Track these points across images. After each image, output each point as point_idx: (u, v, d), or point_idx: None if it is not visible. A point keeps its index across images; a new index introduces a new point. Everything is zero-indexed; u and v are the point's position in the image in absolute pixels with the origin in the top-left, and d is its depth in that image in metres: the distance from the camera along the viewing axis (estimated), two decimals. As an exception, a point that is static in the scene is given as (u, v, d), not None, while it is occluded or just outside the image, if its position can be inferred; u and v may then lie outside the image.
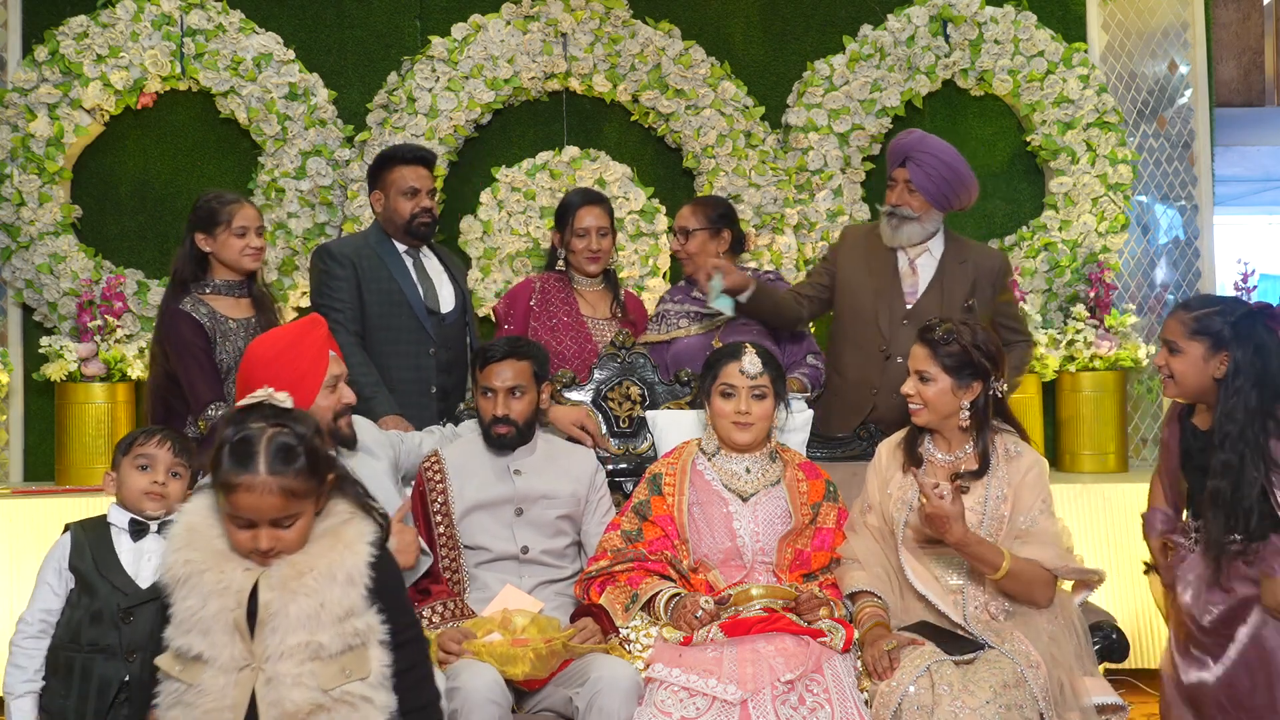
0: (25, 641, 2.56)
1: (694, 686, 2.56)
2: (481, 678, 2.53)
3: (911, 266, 3.64)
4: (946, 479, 2.83)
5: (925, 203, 3.56)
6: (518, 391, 3.03)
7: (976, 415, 2.87)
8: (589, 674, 2.58)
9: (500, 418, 3.02)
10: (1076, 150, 4.95)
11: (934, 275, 3.63)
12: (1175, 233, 5.13)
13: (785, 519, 2.98)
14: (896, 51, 4.94)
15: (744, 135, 4.88)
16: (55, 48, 4.62)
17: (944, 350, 2.86)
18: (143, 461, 2.67)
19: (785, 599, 2.82)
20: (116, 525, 2.65)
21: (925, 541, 2.85)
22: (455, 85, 4.77)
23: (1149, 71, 5.14)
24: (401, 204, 3.71)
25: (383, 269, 3.69)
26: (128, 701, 2.52)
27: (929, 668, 2.57)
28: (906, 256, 3.65)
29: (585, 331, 3.65)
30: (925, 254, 3.66)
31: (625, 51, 4.84)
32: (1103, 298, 4.79)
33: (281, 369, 2.65)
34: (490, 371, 3.04)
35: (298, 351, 2.74)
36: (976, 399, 2.87)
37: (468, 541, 2.99)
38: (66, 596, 2.58)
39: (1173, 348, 2.89)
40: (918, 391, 2.89)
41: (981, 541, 2.74)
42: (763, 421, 3.01)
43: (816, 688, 2.58)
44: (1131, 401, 4.98)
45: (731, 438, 3.03)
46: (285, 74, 4.73)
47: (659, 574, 2.89)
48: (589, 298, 3.73)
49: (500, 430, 3.02)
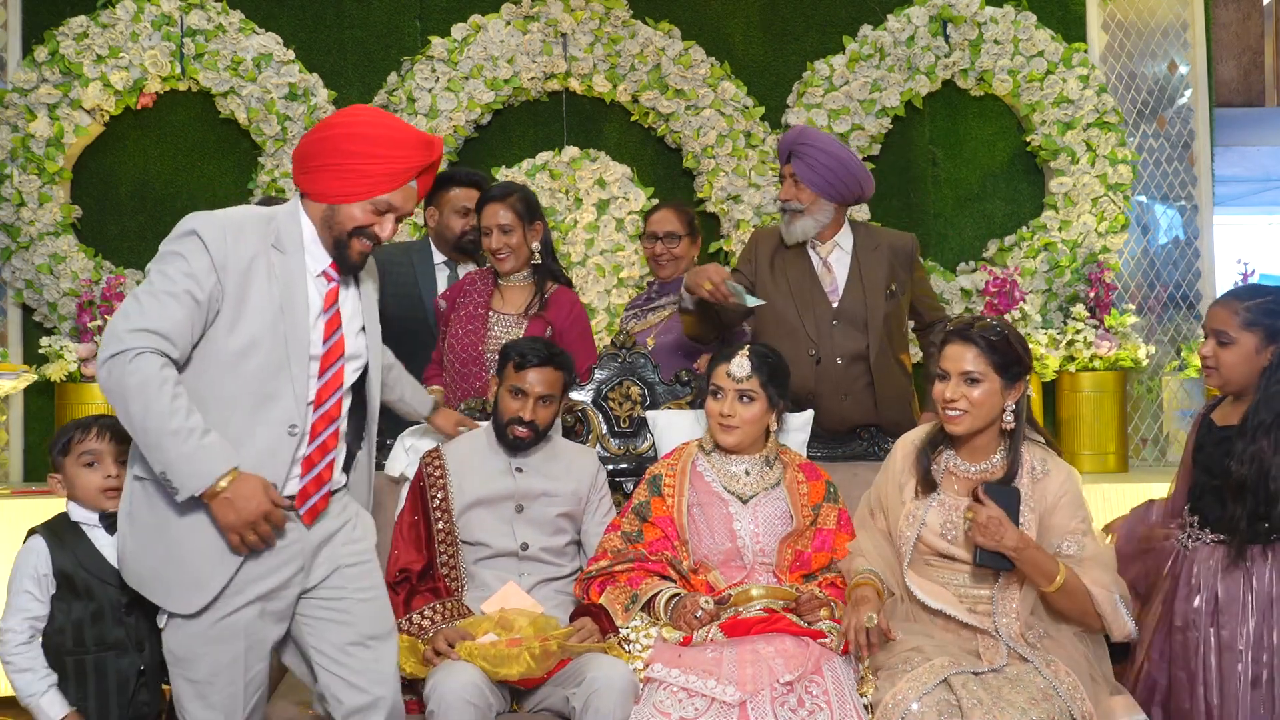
0: (18, 649, 2.53)
1: (693, 687, 2.56)
2: (458, 679, 2.54)
3: (826, 265, 3.61)
4: (969, 494, 2.75)
5: (814, 195, 3.54)
6: (548, 400, 3.03)
7: (1017, 418, 2.75)
8: (585, 674, 2.59)
9: (526, 421, 3.01)
10: (1076, 150, 4.96)
11: (850, 268, 3.60)
12: (1175, 233, 5.14)
13: (786, 520, 2.98)
14: (896, 51, 4.96)
15: (744, 135, 4.90)
16: (55, 48, 4.64)
17: (991, 346, 2.72)
18: (88, 459, 2.63)
19: (785, 600, 2.82)
20: (87, 523, 2.62)
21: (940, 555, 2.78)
22: (455, 85, 4.79)
23: (1149, 71, 5.15)
24: (454, 221, 3.98)
25: (410, 272, 3.93)
26: (144, 687, 2.59)
27: (948, 680, 2.51)
28: (819, 255, 3.62)
29: (483, 327, 3.56)
30: (836, 249, 3.62)
31: (625, 52, 4.86)
32: (1102, 298, 4.80)
33: (358, 150, 2.41)
34: (526, 375, 3.02)
35: (392, 152, 2.43)
36: (1020, 399, 2.75)
37: (467, 537, 2.99)
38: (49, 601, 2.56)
39: (1223, 338, 2.81)
40: (963, 395, 2.72)
41: (1038, 547, 2.65)
42: (749, 426, 2.99)
43: (816, 689, 2.58)
44: (1131, 402, 4.99)
45: (717, 439, 3.03)
46: (285, 74, 4.75)
47: (659, 574, 2.89)
48: (507, 293, 3.61)
49: (520, 433, 3.01)
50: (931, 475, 2.82)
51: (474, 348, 3.53)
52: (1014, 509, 2.67)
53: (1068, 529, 2.72)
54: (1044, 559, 2.64)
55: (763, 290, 3.59)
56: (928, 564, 2.81)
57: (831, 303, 3.57)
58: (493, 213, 3.56)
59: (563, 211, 4.91)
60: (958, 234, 5.14)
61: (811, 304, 3.56)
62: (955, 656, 2.61)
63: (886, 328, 3.56)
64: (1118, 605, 2.67)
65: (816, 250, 3.62)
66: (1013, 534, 2.61)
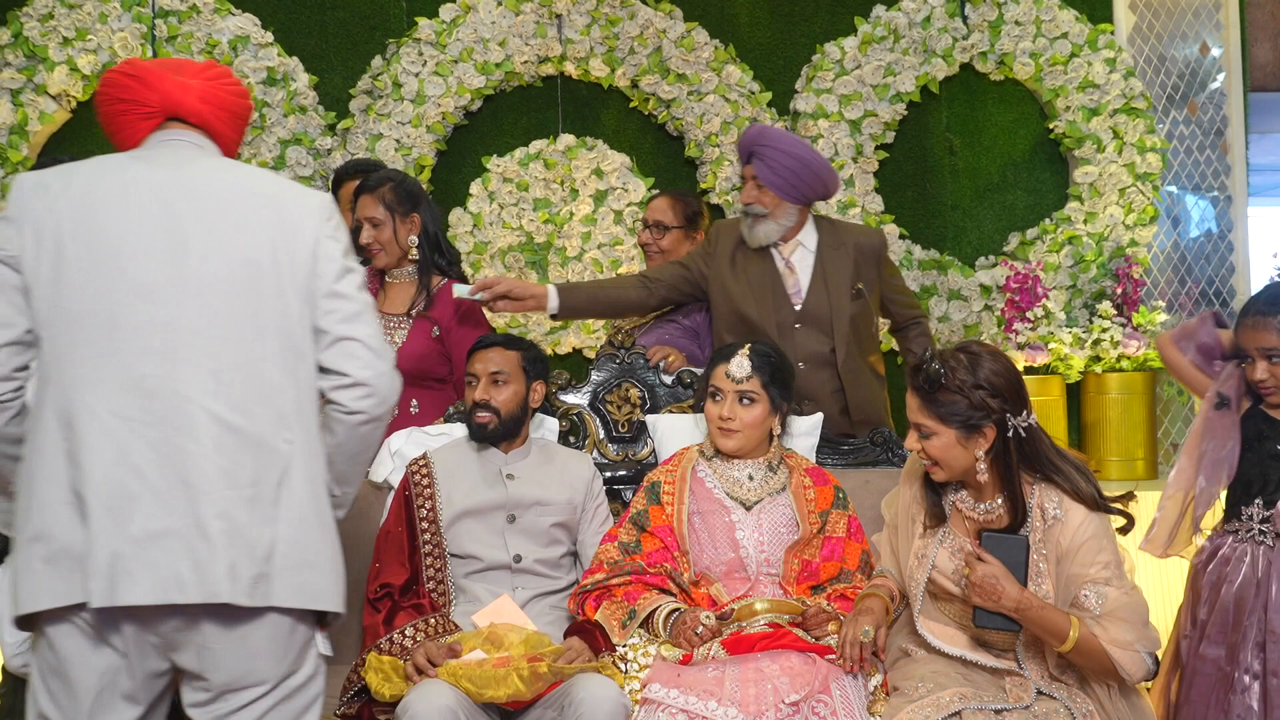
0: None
1: (693, 709, 2.54)
2: (433, 701, 2.53)
3: (789, 265, 3.62)
4: (973, 535, 2.64)
5: (777, 198, 3.55)
6: (500, 378, 3.04)
7: (998, 465, 2.57)
8: (574, 694, 2.58)
9: (480, 403, 3.02)
10: (1102, 138, 4.95)
11: (814, 268, 3.61)
12: (1207, 225, 5.13)
13: (792, 528, 2.96)
14: (911, 33, 4.95)
15: (750, 123, 4.85)
16: (19, 29, 4.61)
17: (939, 399, 2.53)
18: None
19: (791, 613, 2.80)
20: None
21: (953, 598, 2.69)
22: (444, 70, 4.77)
23: (1179, 54, 5.14)
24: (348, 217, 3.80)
25: None
26: None
27: (961, 714, 2.45)
28: (781, 256, 3.63)
29: None
30: (799, 248, 3.63)
31: (624, 34, 4.84)
32: (1130, 294, 4.79)
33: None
34: (475, 357, 3.07)
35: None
36: (993, 446, 2.55)
37: (456, 550, 2.99)
38: None
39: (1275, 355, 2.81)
40: (922, 448, 2.58)
41: (1045, 605, 2.48)
42: (750, 429, 2.98)
43: (824, 709, 2.55)
44: (1161, 404, 4.96)
45: (716, 443, 3.03)
46: (263, 58, 4.72)
47: (658, 588, 2.87)
48: (390, 292, 3.59)
49: (481, 417, 3.02)
50: (941, 507, 2.70)
51: None
52: (1019, 560, 2.51)
53: (1087, 577, 2.53)
54: (1052, 617, 2.47)
55: (724, 288, 3.60)
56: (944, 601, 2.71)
57: (794, 304, 3.59)
58: (362, 205, 3.52)
59: (558, 203, 4.91)
60: (976, 227, 5.12)
61: (773, 307, 3.57)
62: (978, 687, 2.53)
63: (853, 329, 3.57)
64: (1144, 663, 2.52)
65: (779, 250, 3.63)
66: (1013, 592, 2.45)
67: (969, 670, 2.60)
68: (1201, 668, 2.88)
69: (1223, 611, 2.86)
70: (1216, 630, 2.88)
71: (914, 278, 4.91)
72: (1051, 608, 2.50)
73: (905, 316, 3.76)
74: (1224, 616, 2.87)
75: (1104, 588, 2.52)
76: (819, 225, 3.67)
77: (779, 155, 3.52)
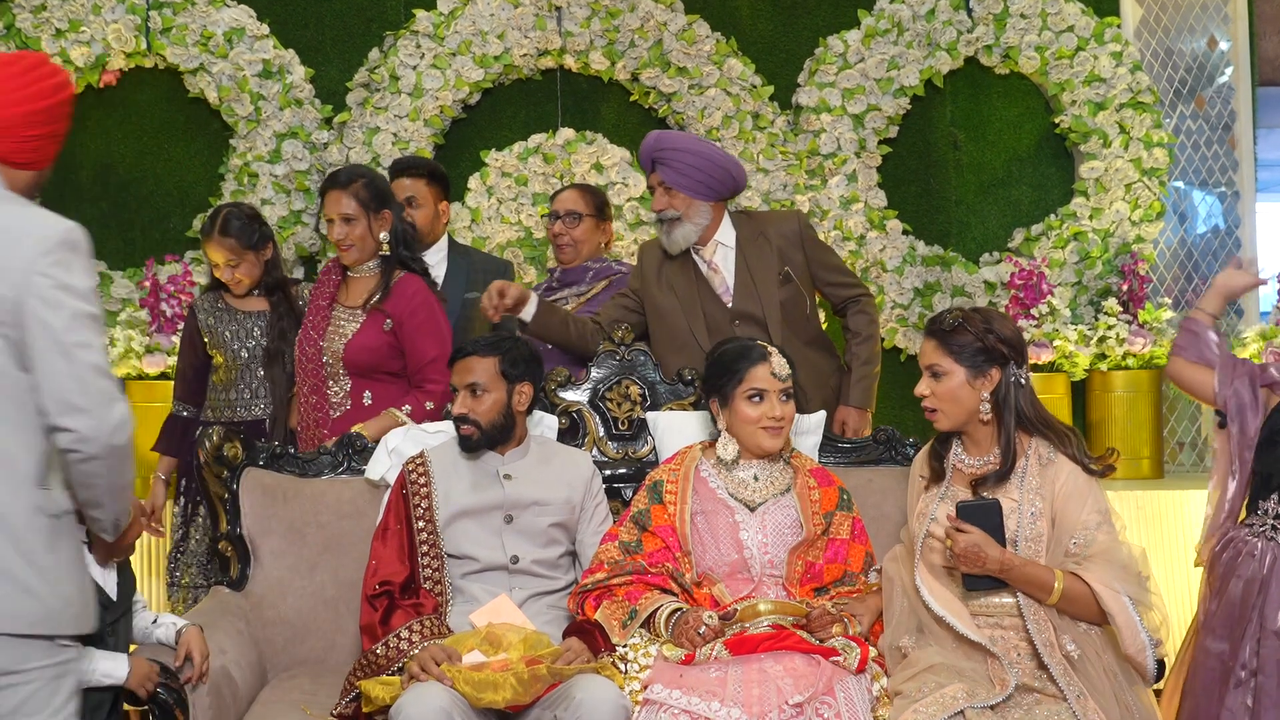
0: None
1: (695, 710, 2.55)
2: (427, 704, 2.54)
3: (711, 266, 3.69)
4: (968, 487, 2.79)
5: (687, 199, 3.61)
6: (477, 389, 3.03)
7: (998, 408, 2.79)
8: (573, 695, 2.59)
9: (459, 416, 3.04)
10: (1109, 133, 4.95)
11: (737, 263, 3.67)
12: (1215, 221, 5.14)
13: (796, 529, 2.96)
14: (915, 26, 4.95)
15: (751, 117, 4.89)
16: (11, 21, 4.61)
17: (954, 339, 2.79)
18: None
19: (795, 615, 2.80)
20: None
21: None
22: (441, 63, 4.77)
23: (1186, 48, 5.15)
24: None
25: None
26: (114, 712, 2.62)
27: (964, 713, 2.49)
28: (702, 259, 3.69)
29: (324, 322, 3.59)
30: (719, 248, 3.69)
31: (624, 26, 4.85)
32: (1136, 291, 4.79)
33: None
34: (453, 368, 3.08)
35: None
36: (997, 388, 2.78)
37: (453, 550, 2.99)
38: None
39: None
40: (931, 391, 2.81)
41: (1026, 563, 2.64)
42: (789, 424, 3.01)
43: (828, 711, 2.57)
44: (1167, 403, 4.98)
45: (761, 444, 2.99)
46: (259, 50, 4.72)
47: (660, 588, 2.87)
48: (351, 285, 3.63)
49: (463, 430, 3.04)
50: (942, 466, 2.87)
51: (314, 343, 3.58)
52: (995, 522, 2.67)
53: (1079, 521, 2.71)
54: (1035, 571, 2.64)
55: (655, 305, 3.70)
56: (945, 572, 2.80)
57: (726, 303, 3.67)
58: (335, 201, 3.56)
59: (557, 198, 4.89)
60: (981, 222, 5.14)
61: (704, 311, 3.65)
62: (972, 683, 2.58)
63: (785, 315, 3.63)
64: (1127, 609, 2.60)
65: (699, 254, 3.70)
66: (995, 554, 2.61)
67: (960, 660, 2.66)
68: (1205, 661, 2.93)
69: (1229, 605, 2.90)
70: (1221, 624, 2.92)
71: (917, 274, 4.93)
72: (1034, 564, 2.65)
73: (841, 297, 3.77)
74: (1230, 610, 2.91)
75: (1093, 532, 2.69)
76: (736, 220, 3.73)
77: (681, 156, 3.59)
